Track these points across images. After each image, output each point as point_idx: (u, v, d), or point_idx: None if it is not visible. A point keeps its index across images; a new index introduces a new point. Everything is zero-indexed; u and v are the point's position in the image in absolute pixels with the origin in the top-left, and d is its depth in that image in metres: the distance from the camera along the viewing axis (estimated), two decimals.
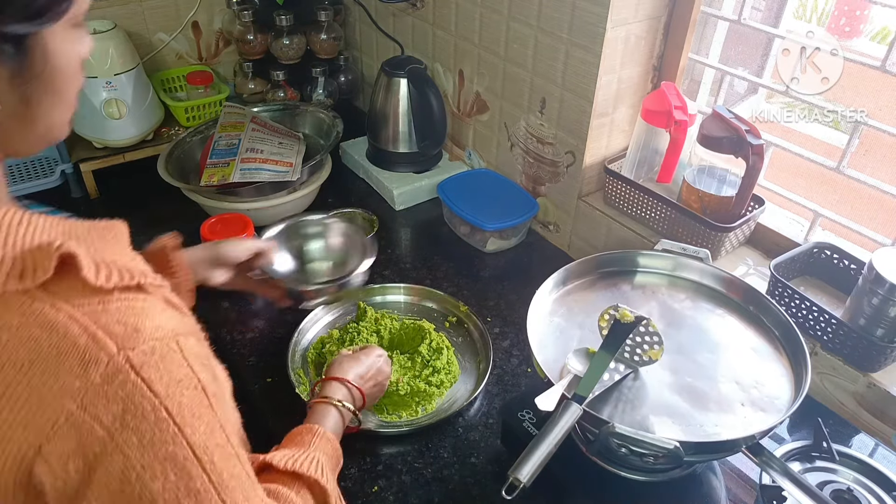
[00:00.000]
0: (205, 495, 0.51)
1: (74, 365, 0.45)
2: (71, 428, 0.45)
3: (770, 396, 0.83)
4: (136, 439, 0.46)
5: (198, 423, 0.51)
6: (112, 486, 0.47)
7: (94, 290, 0.47)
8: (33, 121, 0.53)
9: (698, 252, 1.00)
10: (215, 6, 1.79)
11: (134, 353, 0.46)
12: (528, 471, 0.69)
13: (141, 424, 0.47)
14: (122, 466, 0.46)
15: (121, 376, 0.45)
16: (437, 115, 1.52)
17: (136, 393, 0.46)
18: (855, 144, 1.07)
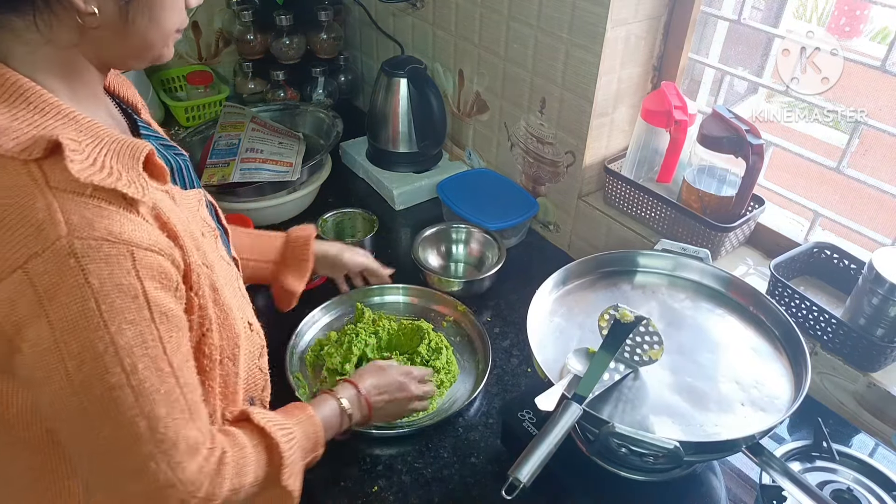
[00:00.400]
0: (119, 391, 0.55)
1: (30, 230, 0.51)
2: (12, 282, 0.51)
3: (770, 396, 0.83)
4: (61, 314, 0.52)
5: (127, 327, 0.55)
6: (37, 351, 0.53)
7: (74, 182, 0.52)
8: (126, 36, 0.59)
9: (698, 252, 1.00)
10: (215, 6, 1.79)
11: (79, 243, 0.52)
12: (528, 471, 0.69)
13: (69, 303, 0.52)
14: (46, 334, 0.52)
15: (60, 255, 0.51)
16: (437, 115, 1.52)
17: (71, 277, 0.52)
18: (855, 144, 1.07)
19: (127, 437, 0.57)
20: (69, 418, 0.57)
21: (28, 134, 0.53)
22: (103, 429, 0.57)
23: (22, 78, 0.56)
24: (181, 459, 0.60)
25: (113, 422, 0.56)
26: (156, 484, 0.59)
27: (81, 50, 0.60)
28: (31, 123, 0.54)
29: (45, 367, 0.54)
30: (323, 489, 0.94)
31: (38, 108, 0.56)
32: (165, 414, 0.58)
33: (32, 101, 0.55)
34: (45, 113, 0.56)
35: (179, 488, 0.60)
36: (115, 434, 0.57)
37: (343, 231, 1.39)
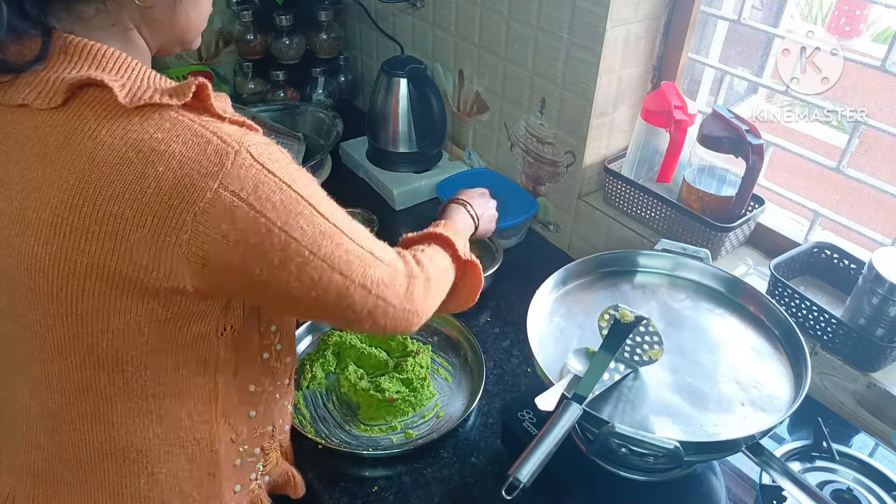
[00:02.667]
0: (335, 235, 0.65)
1: (212, 155, 0.57)
2: (219, 201, 0.57)
3: (770, 396, 0.83)
4: (271, 205, 0.59)
5: (308, 188, 0.63)
6: (266, 243, 0.60)
7: (215, 115, 0.61)
8: (176, 16, 0.67)
9: (698, 252, 1.00)
10: (215, 6, 1.77)
11: (252, 148, 0.59)
12: (528, 471, 0.69)
13: (272, 195, 0.59)
14: (267, 226, 0.59)
15: (246, 163, 0.58)
16: (437, 115, 1.52)
17: (260, 173, 0.59)
18: (855, 144, 1.07)
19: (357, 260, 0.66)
20: (317, 279, 0.64)
21: (154, 86, 0.60)
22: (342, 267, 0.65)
23: (113, 49, 0.62)
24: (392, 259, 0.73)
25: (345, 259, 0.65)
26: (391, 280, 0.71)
27: (140, 31, 0.65)
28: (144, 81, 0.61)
29: (281, 249, 0.61)
30: (323, 489, 0.94)
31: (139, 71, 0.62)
32: (364, 235, 0.69)
33: (132, 66, 0.62)
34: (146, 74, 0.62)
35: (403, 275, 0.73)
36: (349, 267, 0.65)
37: None
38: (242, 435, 0.78)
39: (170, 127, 0.58)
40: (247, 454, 0.79)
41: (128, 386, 0.66)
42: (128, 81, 0.60)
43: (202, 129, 0.59)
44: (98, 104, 0.59)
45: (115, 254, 0.58)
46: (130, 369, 0.65)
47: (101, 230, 0.57)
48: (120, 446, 0.69)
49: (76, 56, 0.60)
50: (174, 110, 0.59)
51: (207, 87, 0.61)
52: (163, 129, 0.58)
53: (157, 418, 0.69)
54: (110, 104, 0.58)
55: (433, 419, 1.03)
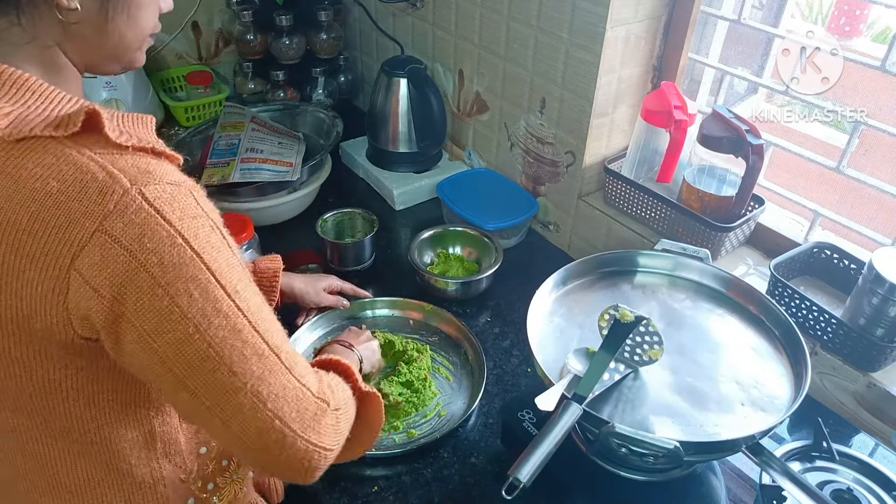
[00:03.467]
0: (234, 317, 0.55)
1: (94, 194, 0.52)
2: (95, 246, 0.51)
3: (770, 396, 0.83)
4: (157, 259, 0.52)
5: (216, 254, 0.55)
6: (144, 303, 0.52)
7: (114, 145, 0.54)
8: (106, 34, 0.60)
9: (698, 252, 1.00)
10: (215, 6, 1.79)
11: (147, 189, 0.52)
12: (528, 471, 0.69)
13: (159, 247, 0.52)
14: (149, 283, 0.52)
15: (134, 205, 0.52)
16: (437, 115, 1.52)
17: (151, 221, 0.52)
18: (855, 144, 1.07)
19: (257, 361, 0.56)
20: (199, 363, 0.54)
21: (50, 116, 0.54)
22: (233, 361, 0.55)
23: (17, 71, 0.56)
24: (304, 373, 0.61)
25: (239, 350, 0.55)
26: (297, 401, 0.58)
27: (63, 48, 0.60)
28: (44, 108, 0.55)
29: (158, 315, 0.53)
30: (323, 489, 0.94)
31: (43, 96, 0.56)
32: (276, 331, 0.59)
33: (35, 90, 0.56)
34: (50, 99, 0.56)
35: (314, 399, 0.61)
36: (244, 365, 0.55)
37: (343, 231, 1.39)
38: (192, 472, 0.73)
39: (52, 162, 0.53)
40: (201, 490, 0.74)
41: (52, 428, 0.63)
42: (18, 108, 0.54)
43: (89, 164, 0.53)
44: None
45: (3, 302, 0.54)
46: (52, 413, 0.62)
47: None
48: (59, 483, 0.66)
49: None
50: (60, 142, 0.54)
51: (98, 115, 0.54)
52: (43, 165, 0.53)
53: (92, 459, 0.66)
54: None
55: (435, 418, 1.03)
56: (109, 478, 0.67)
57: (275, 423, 0.57)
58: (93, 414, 0.63)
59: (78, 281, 0.52)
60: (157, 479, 0.70)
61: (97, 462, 0.67)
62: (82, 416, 0.63)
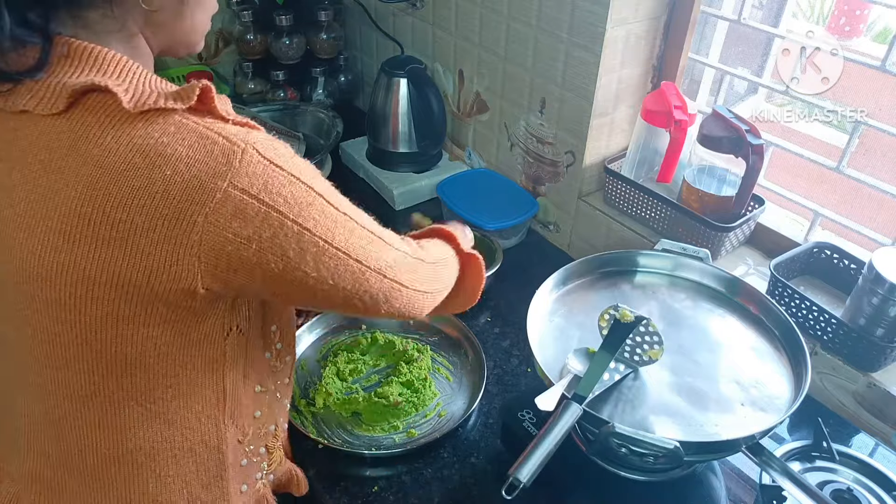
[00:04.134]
0: (347, 223, 0.66)
1: (219, 156, 0.58)
2: (229, 200, 0.57)
3: (770, 396, 0.83)
4: (283, 200, 0.60)
5: (319, 181, 0.64)
6: (280, 237, 0.60)
7: (220, 118, 0.61)
8: (182, 17, 0.67)
9: (698, 252, 1.00)
10: None
11: (258, 146, 0.60)
12: (528, 471, 0.69)
13: (282, 189, 0.60)
14: (280, 220, 0.60)
15: (254, 160, 0.59)
16: (437, 115, 1.52)
17: (269, 170, 0.60)
18: (855, 144, 1.07)
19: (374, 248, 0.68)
20: (331, 265, 0.64)
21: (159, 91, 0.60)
22: (358, 254, 0.66)
23: (117, 53, 0.61)
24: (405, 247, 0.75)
25: (361, 245, 0.67)
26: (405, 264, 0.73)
27: (145, 35, 0.65)
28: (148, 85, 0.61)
29: (296, 241, 0.61)
30: (323, 489, 0.94)
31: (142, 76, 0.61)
32: (374, 224, 0.71)
33: (134, 71, 0.61)
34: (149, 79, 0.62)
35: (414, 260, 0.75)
36: (365, 253, 0.67)
37: None
38: (248, 435, 0.78)
39: (175, 131, 0.58)
40: (252, 454, 0.79)
41: (136, 390, 0.66)
42: (131, 86, 0.60)
43: (207, 131, 0.59)
44: (102, 110, 0.58)
45: (125, 260, 0.58)
46: (138, 373, 0.65)
47: (110, 237, 0.57)
48: (127, 450, 0.69)
49: (78, 61, 0.60)
50: (178, 114, 0.59)
51: (211, 90, 0.61)
52: (168, 133, 0.58)
53: (165, 421, 0.69)
54: (114, 110, 0.58)
55: (435, 418, 1.03)
56: (180, 439, 0.70)
57: (394, 286, 0.72)
58: (176, 371, 0.67)
59: (213, 232, 0.58)
60: (221, 439, 0.73)
61: (172, 423, 0.69)
62: (168, 372, 0.66)
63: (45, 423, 0.69)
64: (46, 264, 0.59)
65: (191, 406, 0.70)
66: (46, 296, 0.60)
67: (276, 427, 0.83)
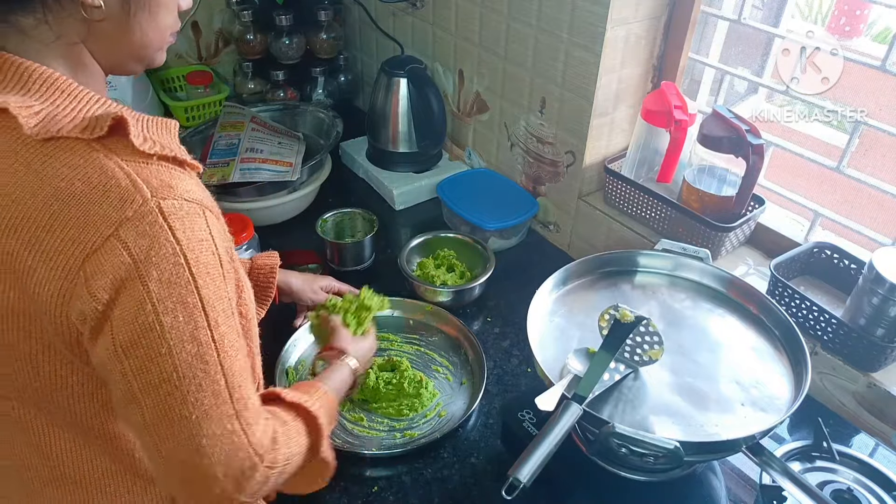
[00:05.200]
0: (206, 348, 0.56)
1: (115, 200, 0.53)
2: (106, 250, 0.53)
3: (770, 396, 0.83)
4: (157, 275, 0.54)
5: (209, 281, 0.57)
6: (129, 313, 0.54)
7: (138, 153, 0.56)
8: (129, 31, 0.61)
9: (698, 252, 1.00)
10: (215, 6, 1.79)
11: (165, 203, 0.54)
12: (528, 471, 0.69)
13: (162, 262, 0.54)
14: (140, 296, 0.54)
15: (150, 217, 0.54)
16: (437, 115, 1.52)
17: (162, 235, 0.54)
18: (855, 144, 1.07)
19: (210, 397, 0.57)
20: (157, 383, 0.56)
21: (78, 117, 0.56)
22: (189, 390, 0.56)
23: (47, 69, 0.58)
24: (252, 421, 0.60)
25: (199, 381, 0.56)
26: (231, 447, 0.58)
27: (88, 47, 0.61)
28: (73, 108, 0.57)
29: (139, 329, 0.54)
30: (323, 489, 0.93)
31: (72, 95, 0.58)
32: (239, 372, 0.59)
33: (64, 89, 0.58)
34: (79, 99, 0.58)
35: (251, 451, 0.59)
36: (198, 396, 0.56)
37: (343, 231, 1.39)
38: None
39: (80, 164, 0.54)
40: None
41: (55, 420, 0.64)
42: (47, 107, 0.56)
43: (115, 169, 0.55)
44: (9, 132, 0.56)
45: (14, 291, 0.56)
46: (52, 407, 0.63)
47: (3, 268, 0.55)
48: (62, 474, 0.67)
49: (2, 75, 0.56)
50: (88, 144, 0.55)
51: (125, 122, 0.56)
52: (70, 166, 0.54)
53: (97, 453, 0.67)
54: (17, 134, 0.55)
55: (435, 418, 1.03)
56: (113, 468, 0.68)
57: (202, 461, 0.57)
58: (96, 409, 0.64)
59: (82, 283, 0.54)
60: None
61: (102, 454, 0.67)
62: (87, 410, 0.64)
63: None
64: None
65: (122, 440, 0.67)
66: None
67: None
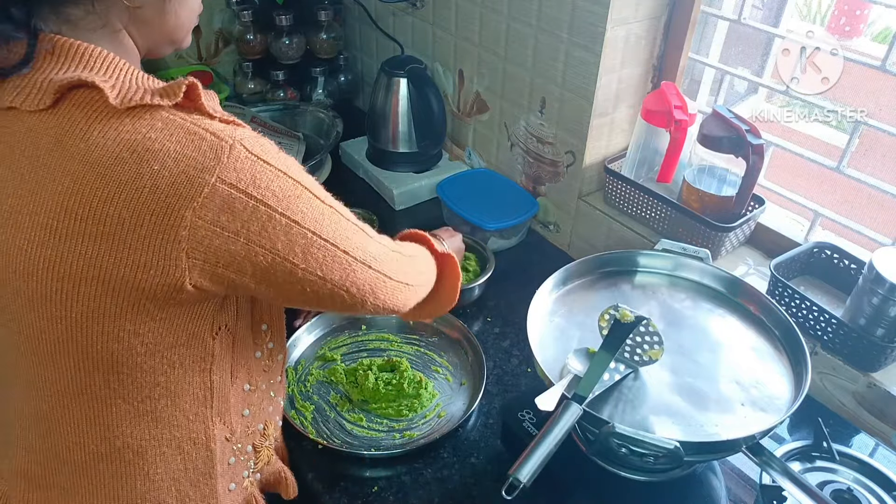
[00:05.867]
0: (332, 216, 0.67)
1: (207, 151, 0.58)
2: (217, 195, 0.58)
3: (770, 396, 0.83)
4: (271, 194, 0.61)
5: (305, 176, 0.65)
6: (269, 231, 0.61)
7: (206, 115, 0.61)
8: (166, 14, 0.66)
9: (698, 252, 1.00)
10: (215, 6, 1.79)
11: (245, 142, 0.60)
12: (528, 471, 0.69)
13: (270, 183, 0.61)
14: (268, 214, 0.61)
15: (242, 156, 0.59)
16: (437, 115, 1.52)
17: (257, 165, 0.60)
18: (855, 144, 1.07)
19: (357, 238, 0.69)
20: (319, 256, 0.65)
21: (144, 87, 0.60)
22: (346, 246, 0.68)
23: (103, 49, 0.61)
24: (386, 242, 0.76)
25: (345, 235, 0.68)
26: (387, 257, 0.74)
27: (129, 32, 0.65)
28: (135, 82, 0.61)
29: (284, 233, 0.62)
30: (323, 489, 0.94)
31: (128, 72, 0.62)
32: (355, 218, 0.71)
33: (121, 68, 0.62)
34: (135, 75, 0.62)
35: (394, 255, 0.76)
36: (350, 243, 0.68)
37: None
38: (237, 433, 0.78)
39: (162, 126, 0.58)
40: (240, 452, 0.79)
41: (123, 387, 0.66)
42: (117, 82, 0.60)
43: (194, 127, 0.59)
44: (88, 105, 0.59)
45: (111, 256, 0.58)
46: (126, 371, 0.65)
47: (97, 232, 0.57)
48: (116, 448, 0.69)
49: (64, 57, 0.60)
50: (165, 110, 0.59)
51: (198, 87, 0.61)
52: (155, 129, 0.58)
53: (153, 419, 0.69)
54: (101, 105, 0.58)
55: (434, 419, 1.03)
56: (168, 436, 0.70)
57: (379, 277, 0.73)
58: (164, 369, 0.67)
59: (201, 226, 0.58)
60: (209, 436, 0.73)
61: (160, 421, 0.69)
62: (156, 369, 0.66)
63: (34, 419, 0.69)
64: (33, 260, 0.59)
65: (178, 404, 0.70)
66: (32, 291, 0.60)
67: (264, 426, 0.83)
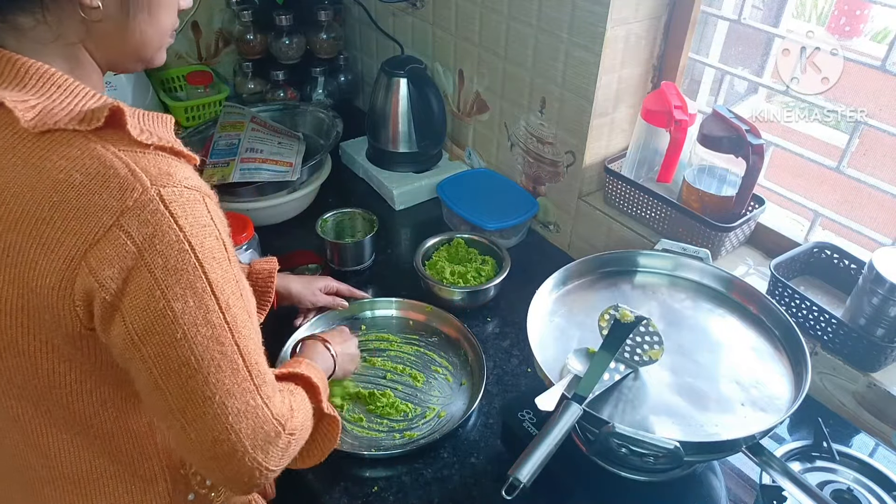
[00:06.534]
0: (220, 329, 0.57)
1: (114, 189, 0.53)
2: (108, 240, 0.53)
3: (770, 396, 0.83)
4: (162, 262, 0.54)
5: (216, 265, 0.57)
6: (140, 301, 0.54)
7: (136, 143, 0.56)
8: (128, 32, 0.61)
9: (698, 252, 1.00)
10: (215, 6, 1.79)
11: (165, 191, 0.54)
12: (528, 471, 0.69)
13: (166, 250, 0.54)
14: (149, 283, 0.54)
15: (151, 205, 0.54)
16: (437, 115, 1.52)
17: (164, 222, 0.54)
18: (855, 144, 1.07)
19: (230, 376, 0.59)
20: (177, 368, 0.57)
21: (75, 110, 0.56)
22: (209, 372, 0.57)
23: (44, 65, 0.58)
24: (270, 394, 0.63)
25: (217, 363, 0.58)
26: (256, 420, 0.61)
27: (87, 46, 0.61)
28: (69, 102, 0.57)
29: (151, 316, 0.55)
30: (323, 489, 0.94)
31: (68, 90, 0.58)
32: (254, 350, 0.61)
33: (60, 85, 0.58)
34: (75, 94, 0.58)
35: (274, 422, 0.62)
36: (218, 377, 0.58)
37: (343, 231, 1.39)
38: (192, 467, 0.73)
39: (77, 155, 0.55)
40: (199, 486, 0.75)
41: (54, 419, 0.64)
42: (45, 102, 0.56)
43: (113, 159, 0.55)
44: (4, 128, 0.56)
45: (14, 287, 0.55)
46: (51, 405, 0.63)
47: (4, 263, 0.55)
48: (61, 474, 0.67)
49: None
50: (84, 136, 0.56)
51: (122, 113, 0.57)
52: (67, 157, 0.55)
53: (96, 452, 0.67)
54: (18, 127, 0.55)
55: (435, 418, 1.03)
56: (112, 469, 0.68)
57: (230, 437, 0.59)
58: (95, 408, 0.64)
59: (86, 272, 0.54)
60: (157, 472, 0.71)
61: (101, 453, 0.67)
62: (86, 408, 0.64)
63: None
64: None
65: (120, 438, 0.67)
66: None
67: None
